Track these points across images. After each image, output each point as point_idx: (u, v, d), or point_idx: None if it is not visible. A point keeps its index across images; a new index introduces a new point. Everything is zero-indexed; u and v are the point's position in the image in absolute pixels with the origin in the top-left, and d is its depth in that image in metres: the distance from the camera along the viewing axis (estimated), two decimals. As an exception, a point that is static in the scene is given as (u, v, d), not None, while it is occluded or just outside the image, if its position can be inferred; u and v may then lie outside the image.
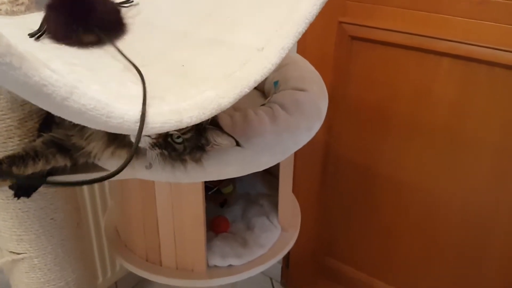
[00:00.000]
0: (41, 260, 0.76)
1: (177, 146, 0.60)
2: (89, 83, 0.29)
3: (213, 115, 0.37)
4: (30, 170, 0.61)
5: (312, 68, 0.86)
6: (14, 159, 0.59)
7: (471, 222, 1.09)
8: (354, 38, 1.10)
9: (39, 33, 0.59)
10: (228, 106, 0.38)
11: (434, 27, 0.98)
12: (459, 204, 1.10)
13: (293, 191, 1.00)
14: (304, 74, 0.81)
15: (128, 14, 0.58)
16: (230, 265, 0.86)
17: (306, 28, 0.42)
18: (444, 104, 1.03)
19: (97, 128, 0.30)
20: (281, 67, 0.83)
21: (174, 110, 0.34)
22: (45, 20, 0.60)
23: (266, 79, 0.84)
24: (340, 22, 1.10)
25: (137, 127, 0.30)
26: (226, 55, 0.42)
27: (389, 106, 1.12)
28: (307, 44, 1.16)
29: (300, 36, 0.42)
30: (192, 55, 0.43)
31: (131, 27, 0.52)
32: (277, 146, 0.70)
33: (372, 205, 1.26)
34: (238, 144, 0.60)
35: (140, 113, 0.31)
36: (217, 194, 1.03)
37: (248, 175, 1.08)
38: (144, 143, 0.58)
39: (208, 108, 0.36)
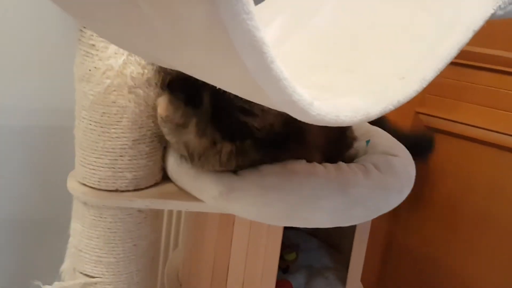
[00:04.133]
0: (113, 287, 0.76)
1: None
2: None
3: (362, 122, 0.40)
4: None
5: (394, 138, 0.89)
6: None
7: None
8: (429, 128, 1.14)
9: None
10: (374, 118, 0.41)
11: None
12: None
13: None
14: (392, 142, 0.85)
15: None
16: (293, 332, 0.82)
17: (444, 67, 0.46)
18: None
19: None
20: (367, 133, 0.87)
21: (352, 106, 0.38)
22: None
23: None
24: (417, 113, 1.15)
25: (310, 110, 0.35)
26: (368, 79, 0.46)
27: (460, 200, 1.11)
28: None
29: (439, 72, 0.46)
30: (334, 77, 0.48)
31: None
32: (369, 201, 0.70)
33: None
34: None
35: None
36: (280, 260, 1.02)
37: (311, 247, 1.09)
38: None
39: (359, 113, 0.39)
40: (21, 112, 0.92)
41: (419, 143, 1.08)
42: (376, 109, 0.41)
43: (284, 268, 1.00)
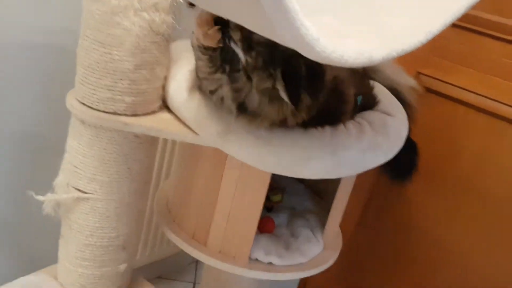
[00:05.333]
0: (104, 204, 0.79)
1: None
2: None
3: (365, 65, 0.41)
4: None
5: (394, 98, 0.91)
6: None
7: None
8: (429, 90, 1.15)
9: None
10: (377, 62, 0.42)
11: (508, 95, 1.02)
12: (501, 277, 1.08)
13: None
14: (391, 101, 0.86)
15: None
16: (270, 263, 0.87)
17: (451, 23, 0.47)
18: (504, 174, 1.05)
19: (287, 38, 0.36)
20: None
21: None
22: None
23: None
24: (419, 73, 1.15)
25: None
26: (376, 27, 0.47)
27: (447, 164, 1.14)
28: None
29: (445, 27, 0.47)
30: (345, 24, 0.48)
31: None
32: (358, 162, 0.73)
33: (404, 258, 1.25)
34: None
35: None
36: (266, 200, 1.06)
37: (297, 192, 1.13)
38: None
39: (363, 55, 0.40)
40: (24, 29, 0.91)
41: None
42: (380, 53, 0.42)
43: (269, 207, 1.04)
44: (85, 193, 0.78)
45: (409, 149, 0.86)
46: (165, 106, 0.81)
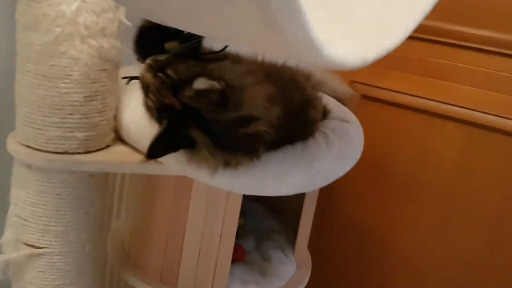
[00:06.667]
0: (62, 258, 0.70)
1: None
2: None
3: (360, 67, 0.41)
4: None
5: (341, 105, 0.92)
6: None
7: None
8: (364, 97, 1.20)
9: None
10: (370, 62, 0.42)
11: (440, 92, 1.10)
12: (450, 271, 1.14)
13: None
14: (342, 108, 0.88)
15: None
16: (248, 293, 0.83)
17: (423, 18, 0.49)
18: (445, 166, 1.12)
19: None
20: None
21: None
22: None
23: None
24: (352, 81, 1.20)
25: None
26: (360, 28, 0.47)
27: (390, 165, 1.19)
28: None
29: (418, 24, 0.48)
30: (334, 19, 0.48)
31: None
32: (330, 171, 0.73)
33: (363, 263, 1.27)
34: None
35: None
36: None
37: (256, 212, 1.10)
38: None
39: (359, 56, 0.41)
40: None
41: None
42: (372, 54, 0.42)
43: (233, 233, 1.00)
44: (39, 248, 0.69)
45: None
46: (118, 138, 0.75)
